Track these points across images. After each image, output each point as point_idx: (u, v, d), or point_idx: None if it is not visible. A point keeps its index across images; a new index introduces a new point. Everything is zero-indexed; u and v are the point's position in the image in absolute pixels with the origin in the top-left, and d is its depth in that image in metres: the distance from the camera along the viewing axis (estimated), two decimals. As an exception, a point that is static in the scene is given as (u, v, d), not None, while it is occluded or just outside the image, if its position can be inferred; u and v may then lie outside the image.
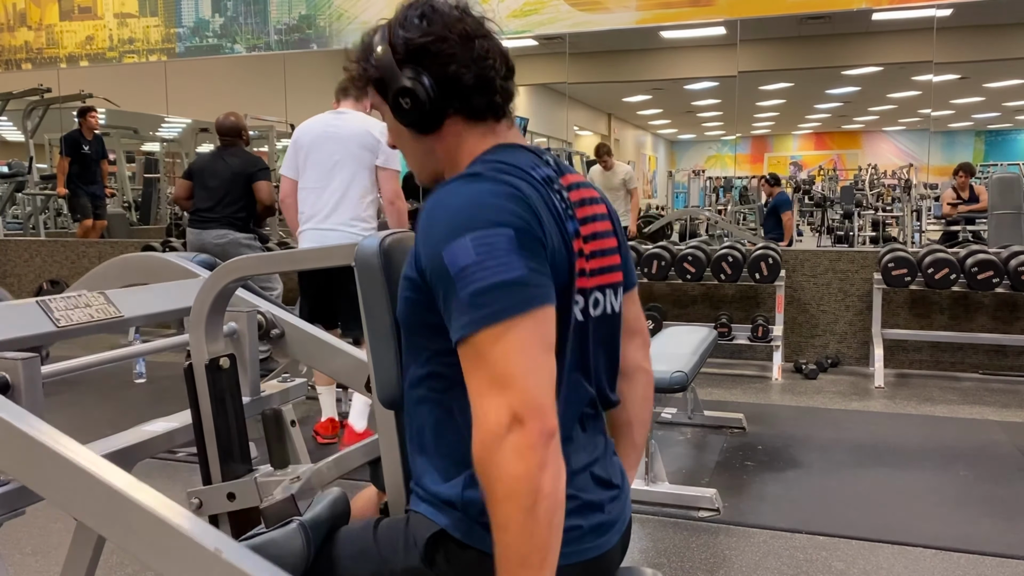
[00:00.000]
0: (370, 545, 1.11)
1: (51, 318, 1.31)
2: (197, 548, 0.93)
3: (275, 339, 1.58)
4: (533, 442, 0.90)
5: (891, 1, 5.48)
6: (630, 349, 1.26)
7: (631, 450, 1.30)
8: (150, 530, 0.95)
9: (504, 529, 0.91)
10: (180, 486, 3.11)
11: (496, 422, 0.91)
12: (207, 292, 1.36)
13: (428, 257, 1.00)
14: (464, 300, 0.95)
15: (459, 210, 1.00)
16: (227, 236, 4.62)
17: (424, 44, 1.07)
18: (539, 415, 0.91)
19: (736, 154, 11.45)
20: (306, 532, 1.11)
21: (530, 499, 0.89)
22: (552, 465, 0.92)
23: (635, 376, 1.28)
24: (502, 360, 0.93)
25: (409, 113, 1.09)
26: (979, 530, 2.81)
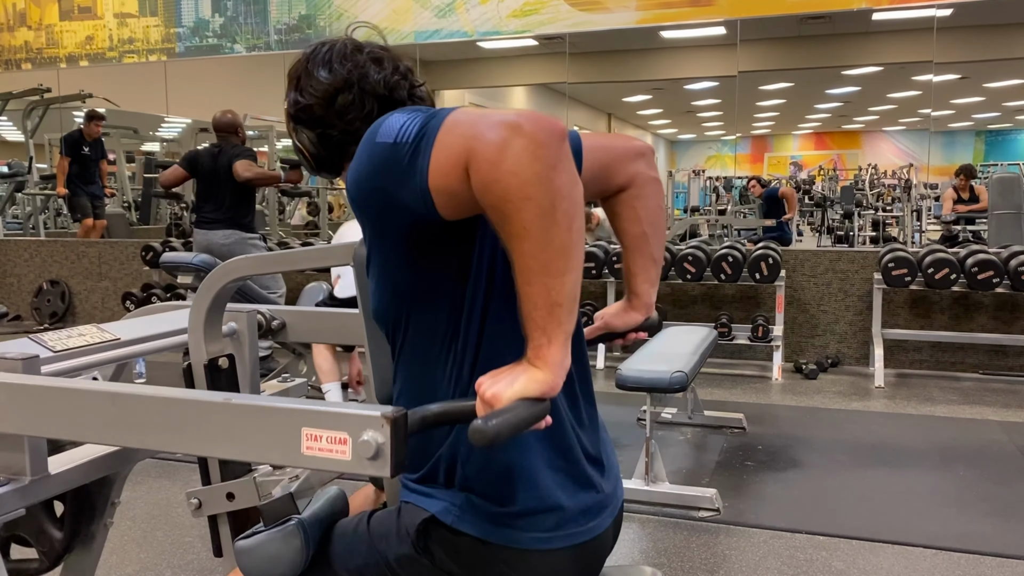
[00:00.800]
0: (363, 535, 1.11)
1: (45, 346, 1.30)
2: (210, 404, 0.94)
3: (278, 330, 1.58)
4: (543, 139, 0.86)
5: (891, 1, 5.48)
6: (632, 166, 1.26)
7: (649, 263, 1.31)
8: (166, 409, 0.96)
9: (523, 237, 0.87)
10: (180, 486, 3.13)
11: (496, 136, 0.86)
12: (206, 292, 1.36)
13: (353, 171, 0.99)
14: (408, 141, 0.92)
15: (365, 145, 1.00)
16: (233, 236, 4.69)
17: (296, 112, 1.18)
18: (541, 118, 0.87)
19: (736, 154, 11.45)
20: (304, 530, 1.11)
21: (548, 199, 0.86)
22: (566, 164, 0.88)
23: (644, 186, 1.28)
24: (474, 116, 0.90)
25: (306, 166, 1.22)
26: (979, 530, 2.81)
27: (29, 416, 1.02)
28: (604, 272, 5.46)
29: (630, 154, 1.27)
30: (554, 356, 0.90)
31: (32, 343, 1.30)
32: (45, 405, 1.01)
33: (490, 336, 1.04)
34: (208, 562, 2.56)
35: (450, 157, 0.89)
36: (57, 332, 1.37)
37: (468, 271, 1.03)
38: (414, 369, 1.08)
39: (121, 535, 2.74)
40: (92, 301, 7.05)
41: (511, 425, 0.85)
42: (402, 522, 1.09)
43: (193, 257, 4.01)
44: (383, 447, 0.83)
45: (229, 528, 1.39)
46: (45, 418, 1.01)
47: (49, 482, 1.19)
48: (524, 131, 0.85)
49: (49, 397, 1.01)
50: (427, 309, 1.05)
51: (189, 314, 1.39)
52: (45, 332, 1.37)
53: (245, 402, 0.92)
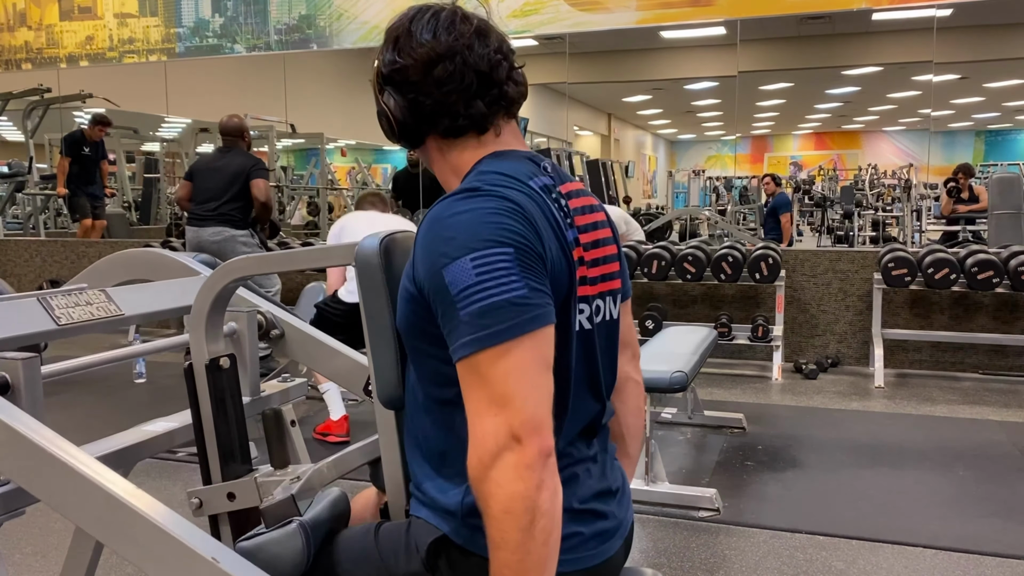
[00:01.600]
0: (371, 549, 1.11)
1: (52, 316, 1.30)
2: (194, 556, 0.93)
3: (275, 339, 1.57)
4: (531, 461, 0.91)
5: (891, 1, 5.48)
6: (621, 361, 1.26)
7: (626, 461, 1.30)
8: (147, 537, 0.95)
9: (501, 547, 0.91)
10: (180, 486, 3.13)
11: (494, 441, 0.91)
12: (207, 292, 1.36)
13: (427, 275, 0.99)
14: (464, 320, 0.95)
15: (458, 229, 0.99)
16: (223, 233, 4.64)
17: (390, 73, 1.13)
18: (537, 435, 0.92)
19: (736, 154, 11.46)
20: (306, 532, 1.11)
21: (527, 518, 0.90)
22: (549, 484, 0.92)
23: (626, 387, 1.28)
24: (501, 380, 0.93)
25: (390, 133, 1.16)
26: (979, 530, 2.81)
27: (11, 465, 1.02)
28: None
29: (629, 353, 1.29)
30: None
31: (39, 306, 1.30)
32: (27, 464, 1.01)
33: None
34: (208, 562, 2.56)
35: (469, 382, 0.96)
36: (65, 297, 1.36)
37: None
38: (435, 414, 1.09)
39: (121, 535, 2.74)
40: (92, 301, 7.05)
41: None
42: (412, 538, 1.08)
43: (195, 257, 4.00)
44: None
45: (230, 528, 1.38)
46: (26, 474, 1.01)
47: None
48: (519, 447, 0.91)
49: (37, 460, 1.00)
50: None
51: (190, 314, 1.39)
52: (54, 294, 1.36)
53: (233, 570, 0.92)
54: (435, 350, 1.03)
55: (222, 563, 0.92)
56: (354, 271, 1.22)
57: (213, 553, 0.92)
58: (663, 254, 5.34)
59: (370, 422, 1.27)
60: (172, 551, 0.94)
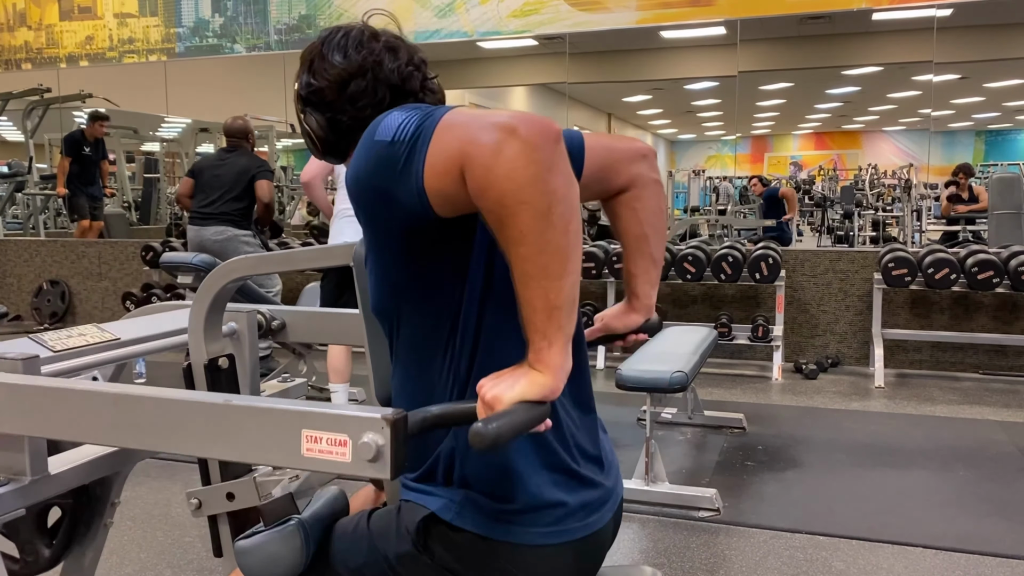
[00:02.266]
0: (363, 534, 1.11)
1: (45, 346, 1.30)
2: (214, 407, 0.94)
3: (278, 330, 1.58)
4: (537, 142, 0.85)
5: (891, 1, 5.48)
6: (633, 167, 1.27)
7: (650, 264, 1.31)
8: (164, 412, 0.96)
9: (520, 241, 0.87)
10: (180, 486, 3.13)
11: (489, 138, 0.86)
12: (206, 292, 1.36)
13: (353, 167, 0.99)
14: (404, 139, 0.92)
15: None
16: (225, 233, 4.67)
17: (307, 95, 1.17)
18: (536, 120, 0.87)
19: (736, 154, 11.44)
20: (304, 530, 1.11)
21: (544, 202, 0.85)
22: (561, 166, 0.88)
23: (645, 188, 1.28)
24: (470, 117, 0.90)
25: (312, 149, 1.20)
26: (979, 530, 2.81)
27: (29, 417, 1.02)
28: (604, 272, 5.46)
29: (632, 155, 1.27)
30: (555, 359, 0.90)
31: (32, 343, 1.30)
32: (45, 406, 1.01)
33: (487, 334, 1.04)
34: (208, 562, 2.56)
35: (446, 160, 0.89)
36: (57, 332, 1.37)
37: (465, 269, 1.03)
38: (411, 367, 1.09)
39: (121, 535, 2.74)
40: (92, 301, 7.05)
41: (511, 428, 0.85)
42: (402, 520, 1.09)
43: (193, 257, 4.01)
44: (383, 449, 0.83)
45: (229, 528, 1.39)
46: (45, 419, 1.01)
47: (49, 482, 1.19)
48: (519, 134, 0.85)
49: (49, 398, 1.01)
50: (424, 306, 1.05)
51: (189, 314, 1.39)
52: (45, 332, 1.37)
53: (245, 403, 0.92)
54: (399, 298, 1.05)
55: (234, 400, 0.93)
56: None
57: (224, 399, 0.94)
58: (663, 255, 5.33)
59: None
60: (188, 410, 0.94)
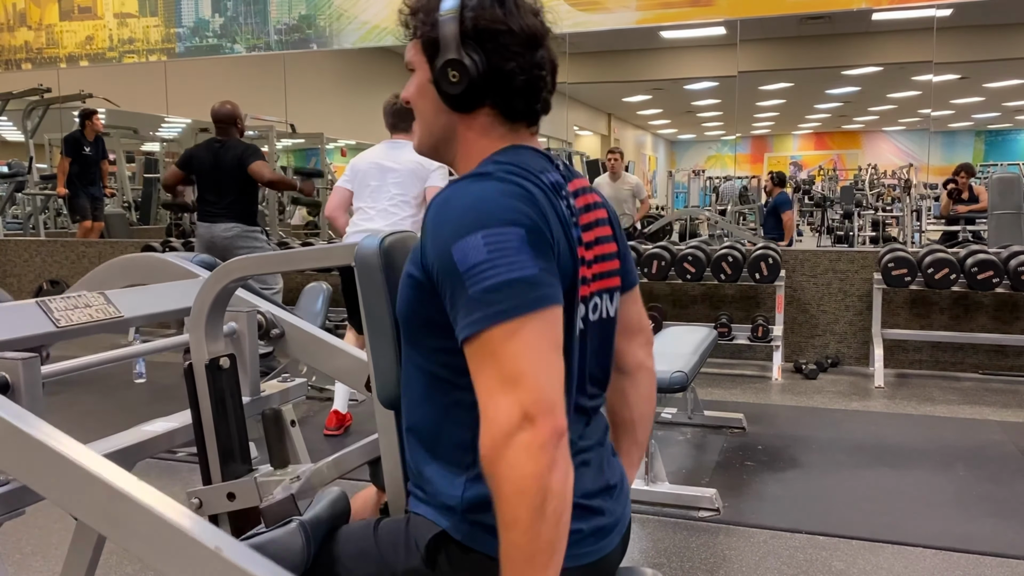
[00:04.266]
0: (370, 546, 1.11)
1: (51, 318, 1.30)
2: (197, 546, 0.92)
3: (275, 339, 1.57)
4: (544, 441, 0.89)
5: (891, 1, 5.48)
6: (632, 347, 1.27)
7: (634, 448, 1.30)
8: (150, 529, 0.95)
9: (511, 528, 0.90)
10: (180, 486, 3.12)
11: (507, 420, 0.90)
12: (207, 292, 1.36)
13: (437, 254, 0.99)
14: (474, 297, 0.94)
15: (469, 208, 0.99)
16: (234, 229, 4.70)
17: (494, 30, 1.05)
18: (550, 414, 0.91)
19: (736, 154, 11.45)
20: (306, 531, 1.11)
21: (539, 498, 0.89)
22: (562, 464, 0.91)
23: (638, 375, 1.28)
24: (513, 358, 0.92)
25: (452, 87, 1.06)
26: (979, 530, 2.81)
27: (12, 461, 1.02)
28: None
29: (642, 340, 1.29)
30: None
31: (39, 310, 1.30)
32: (30, 460, 1.01)
33: None
34: (208, 562, 2.56)
35: (474, 369, 0.95)
36: (65, 300, 1.36)
37: None
38: (427, 383, 1.09)
39: (121, 535, 2.74)
40: (92, 301, 7.04)
41: None
42: (411, 535, 1.08)
43: (193, 257, 4.00)
44: None
45: (230, 528, 1.39)
46: (28, 471, 1.01)
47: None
48: (532, 427, 0.89)
49: (37, 455, 1.00)
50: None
51: (190, 314, 1.39)
52: (53, 298, 1.36)
53: (236, 559, 0.92)
54: (438, 341, 1.03)
55: (225, 552, 0.92)
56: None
57: (215, 542, 0.92)
58: (663, 254, 5.34)
59: (370, 421, 1.27)
60: (174, 541, 0.94)
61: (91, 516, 0.99)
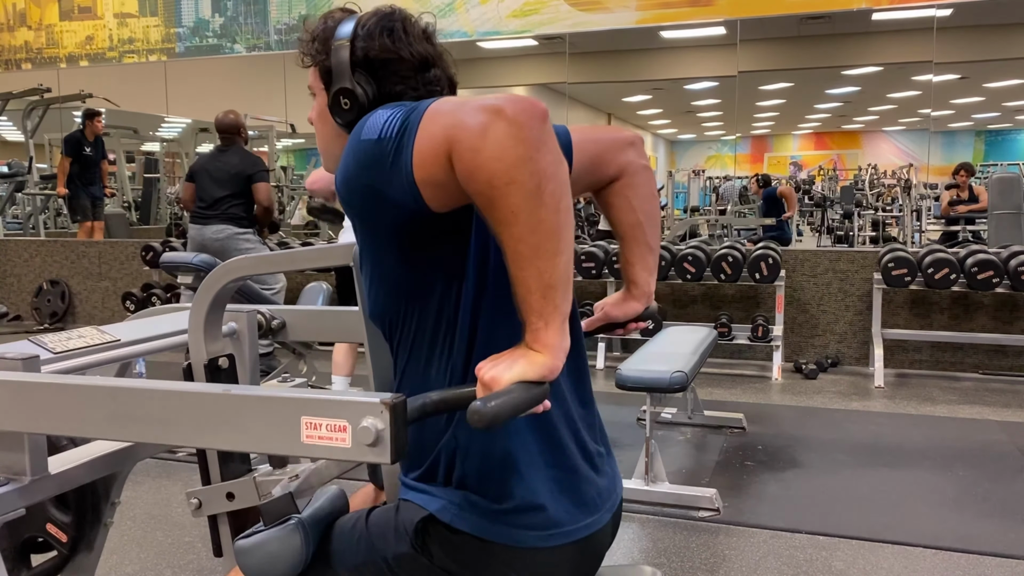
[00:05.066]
0: (362, 534, 1.11)
1: (46, 348, 1.30)
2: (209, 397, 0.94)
3: (278, 330, 1.58)
4: (524, 122, 0.85)
5: (891, 1, 5.48)
6: (616, 155, 1.26)
7: (646, 251, 1.31)
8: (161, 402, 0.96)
9: (512, 222, 0.87)
10: (180, 486, 3.13)
11: (475, 120, 0.86)
12: (206, 292, 1.36)
13: (342, 170, 1.00)
14: (396, 135, 0.93)
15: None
16: (225, 231, 4.70)
17: (384, 59, 1.10)
18: (521, 100, 0.86)
19: (736, 154, 11.45)
20: (304, 530, 1.11)
21: (533, 181, 0.85)
22: (550, 144, 0.88)
23: (634, 174, 1.27)
24: (455, 104, 0.91)
25: (344, 113, 1.11)
26: (979, 530, 2.81)
27: (29, 413, 1.02)
28: (604, 272, 5.46)
29: (620, 144, 1.28)
30: (552, 339, 0.90)
31: (32, 345, 1.30)
32: (43, 401, 1.01)
33: (484, 332, 1.04)
34: (208, 562, 2.56)
35: (433, 147, 0.89)
36: (57, 334, 1.37)
37: (461, 265, 1.03)
38: (410, 366, 1.09)
39: (121, 535, 2.74)
40: (92, 301, 7.05)
41: (510, 407, 0.85)
42: (400, 520, 1.09)
43: (193, 257, 4.01)
44: (383, 434, 0.82)
45: (229, 528, 1.39)
46: (45, 415, 1.01)
47: (49, 482, 1.19)
48: (505, 114, 0.85)
49: (48, 393, 1.01)
50: (421, 305, 1.05)
51: (189, 314, 1.39)
52: (45, 334, 1.36)
53: (244, 392, 0.92)
54: (406, 306, 1.04)
55: (234, 391, 0.93)
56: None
57: (224, 388, 0.93)
58: (663, 254, 5.34)
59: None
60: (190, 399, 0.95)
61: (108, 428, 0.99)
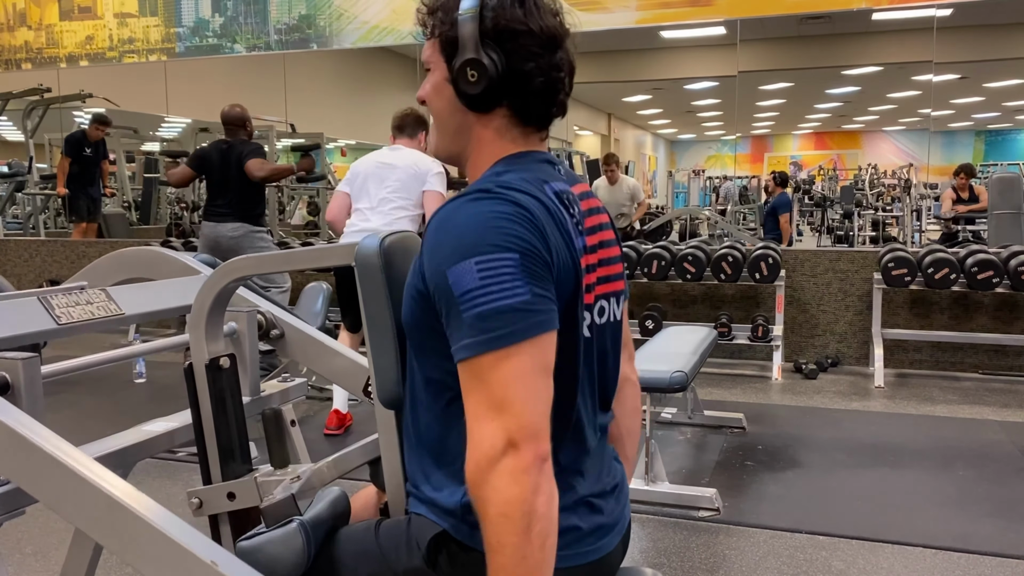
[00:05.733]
0: (372, 546, 1.11)
1: (52, 315, 1.30)
2: (193, 559, 0.93)
3: (275, 339, 1.57)
4: (527, 466, 0.91)
5: (891, 1, 5.48)
6: (624, 365, 1.26)
7: (624, 462, 1.30)
8: (146, 539, 0.95)
9: (498, 551, 0.92)
10: (180, 486, 3.13)
11: (491, 445, 0.92)
12: (207, 291, 1.36)
13: (432, 275, 1.00)
14: (467, 323, 0.95)
15: (465, 232, 0.98)
16: (241, 229, 4.72)
17: (514, 30, 1.04)
18: (534, 440, 0.92)
19: (736, 154, 11.45)
20: (306, 531, 1.11)
21: (524, 522, 0.90)
22: (546, 488, 0.93)
23: (623, 388, 1.27)
24: (501, 385, 0.93)
25: (471, 86, 1.05)
26: (979, 530, 2.81)
27: (10, 466, 1.02)
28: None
29: (625, 353, 1.27)
30: None
31: (39, 305, 1.29)
32: (28, 465, 1.01)
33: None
34: (208, 562, 2.56)
35: (465, 392, 0.96)
36: (66, 295, 1.36)
37: None
38: (431, 394, 1.09)
39: (121, 535, 2.74)
40: (92, 301, 7.05)
41: None
42: (412, 534, 1.09)
43: (194, 257, 4.01)
44: None
45: (230, 528, 1.38)
46: (27, 480, 1.01)
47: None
48: (516, 452, 0.91)
49: (36, 461, 1.00)
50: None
51: (190, 314, 1.39)
52: (54, 294, 1.35)
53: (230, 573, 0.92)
54: (441, 346, 1.03)
55: (221, 567, 0.92)
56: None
57: (212, 556, 0.92)
58: (663, 254, 5.34)
59: (370, 421, 1.27)
60: (171, 554, 0.94)
61: (87, 524, 0.99)
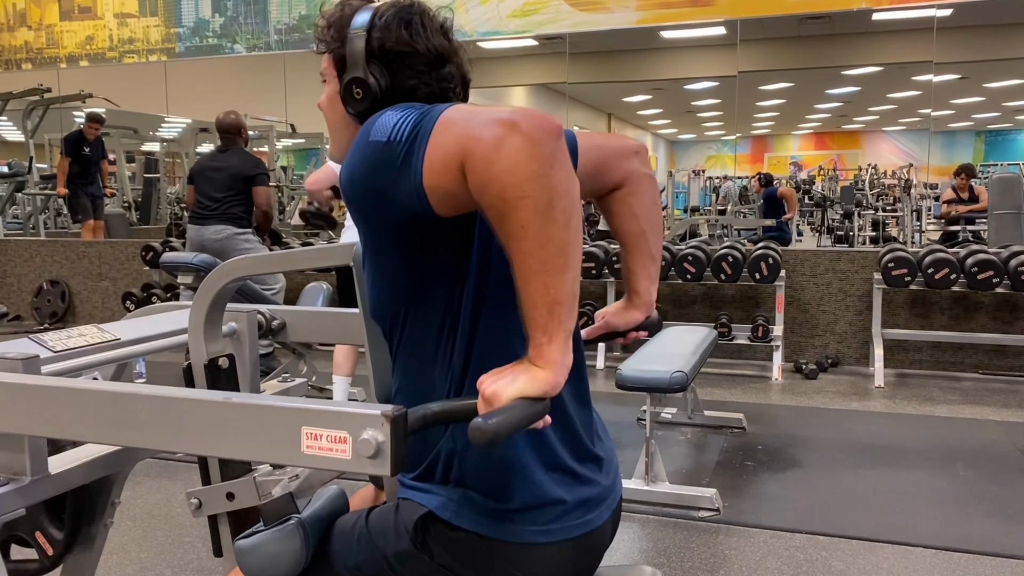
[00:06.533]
0: (362, 533, 1.12)
1: (45, 346, 1.30)
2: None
3: (278, 330, 1.58)
4: (539, 138, 0.86)
5: (891, 1, 5.48)
6: (621, 163, 1.27)
7: (648, 260, 1.32)
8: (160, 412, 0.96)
9: (521, 236, 0.87)
10: (180, 486, 3.13)
11: (491, 133, 0.86)
12: (206, 292, 1.36)
13: (347, 169, 1.00)
14: (405, 136, 0.93)
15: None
16: (224, 231, 4.69)
17: (399, 52, 1.09)
18: (537, 115, 0.87)
19: (736, 154, 11.45)
20: (304, 530, 1.11)
21: (545, 197, 0.85)
22: (563, 161, 0.88)
23: (637, 183, 1.28)
24: (469, 113, 0.91)
25: (356, 103, 1.11)
26: (979, 530, 2.81)
27: (30, 416, 1.02)
28: (604, 272, 5.46)
29: (624, 152, 1.28)
30: (555, 355, 0.90)
31: (32, 343, 1.30)
32: (45, 405, 1.01)
33: (484, 334, 1.04)
34: (208, 562, 2.56)
35: (445, 157, 0.90)
36: (57, 332, 1.37)
37: (463, 268, 1.03)
38: (410, 366, 1.09)
39: (121, 535, 2.74)
40: (92, 301, 7.05)
41: (511, 424, 0.85)
42: (400, 518, 1.09)
43: (193, 257, 4.02)
44: (383, 446, 0.82)
45: (229, 528, 1.39)
46: (45, 418, 1.01)
47: (49, 482, 1.19)
48: (520, 129, 0.85)
49: (49, 396, 1.01)
50: (422, 306, 1.05)
51: (189, 314, 1.39)
52: (45, 332, 1.36)
53: (245, 401, 0.92)
54: (400, 264, 1.04)
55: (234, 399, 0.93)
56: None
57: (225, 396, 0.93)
58: (663, 254, 5.33)
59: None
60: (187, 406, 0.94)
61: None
